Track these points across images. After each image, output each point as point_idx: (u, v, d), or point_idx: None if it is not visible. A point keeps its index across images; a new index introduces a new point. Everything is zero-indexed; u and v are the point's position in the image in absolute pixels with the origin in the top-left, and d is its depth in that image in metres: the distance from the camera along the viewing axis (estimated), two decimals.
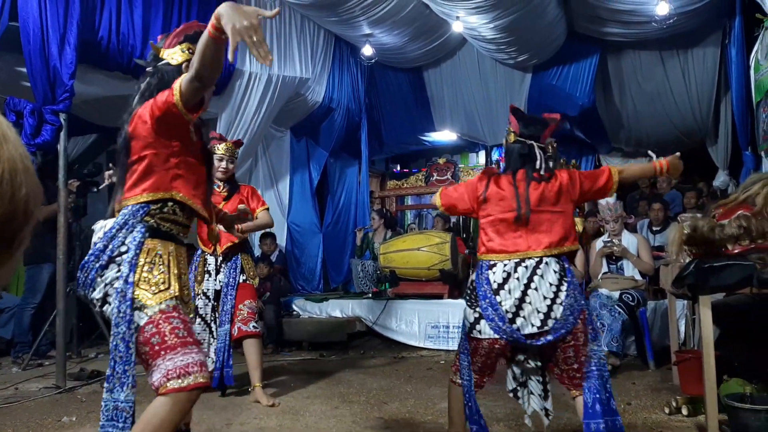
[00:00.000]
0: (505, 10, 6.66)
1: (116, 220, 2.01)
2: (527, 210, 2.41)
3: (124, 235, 1.97)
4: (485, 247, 2.49)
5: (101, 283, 1.94)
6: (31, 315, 5.11)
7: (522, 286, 2.36)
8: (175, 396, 1.82)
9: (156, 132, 1.97)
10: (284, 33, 6.65)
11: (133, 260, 1.93)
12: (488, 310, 2.38)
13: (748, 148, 6.48)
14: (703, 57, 7.90)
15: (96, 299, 1.97)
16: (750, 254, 2.71)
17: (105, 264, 1.95)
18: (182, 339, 1.90)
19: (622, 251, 4.67)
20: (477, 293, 2.44)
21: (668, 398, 3.33)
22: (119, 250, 1.95)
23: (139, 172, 2.01)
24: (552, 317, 2.33)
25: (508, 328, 2.36)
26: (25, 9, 4.12)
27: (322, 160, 7.96)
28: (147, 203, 2.00)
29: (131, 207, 2.00)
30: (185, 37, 2.15)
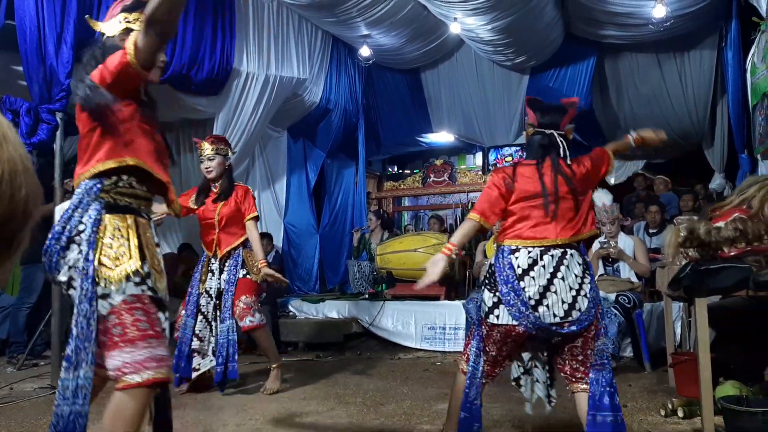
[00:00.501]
0: (503, 12, 6.67)
1: (72, 200, 1.97)
2: (555, 199, 2.38)
3: (80, 213, 1.94)
4: (511, 232, 2.44)
5: (64, 265, 1.91)
6: (26, 315, 5.09)
7: (548, 274, 2.33)
8: (133, 392, 1.83)
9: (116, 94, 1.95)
10: (282, 33, 6.65)
11: (91, 238, 1.89)
12: (510, 295, 2.34)
13: (744, 150, 6.50)
14: (699, 60, 7.92)
15: (62, 282, 1.93)
16: (746, 257, 2.72)
17: (65, 245, 1.91)
18: (143, 332, 1.87)
19: (619, 253, 4.68)
20: (497, 278, 2.39)
21: (664, 400, 3.33)
22: (77, 230, 1.92)
23: (92, 144, 1.97)
24: (577, 308, 2.31)
25: (531, 315, 2.31)
26: (22, 8, 4.11)
27: (319, 161, 7.96)
28: (100, 178, 1.97)
29: (85, 184, 1.97)
30: (122, 8, 2.12)
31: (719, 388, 2.82)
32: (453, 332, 5.44)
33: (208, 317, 3.90)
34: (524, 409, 2.73)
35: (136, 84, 1.97)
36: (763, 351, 3.06)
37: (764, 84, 4.97)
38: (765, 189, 2.88)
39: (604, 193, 4.92)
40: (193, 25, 5.41)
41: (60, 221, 1.94)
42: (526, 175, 2.46)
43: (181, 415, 3.38)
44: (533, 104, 2.59)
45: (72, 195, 2.06)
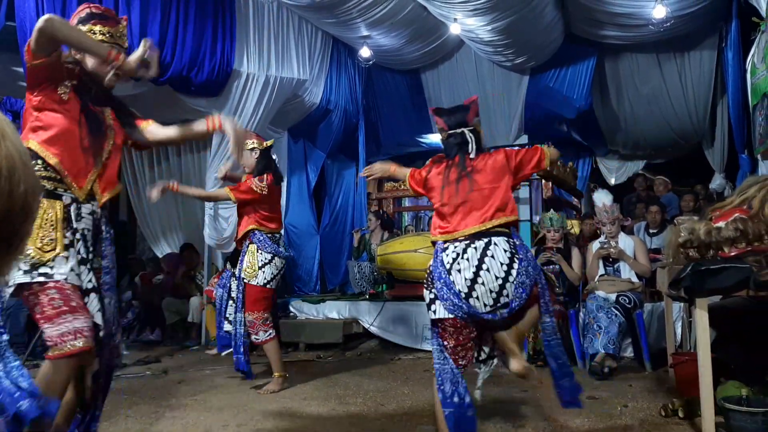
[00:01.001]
0: (503, 13, 6.68)
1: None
2: (456, 193, 2.56)
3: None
4: (437, 229, 2.62)
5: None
6: (26, 315, 5.09)
7: (473, 267, 2.45)
8: (55, 362, 2.06)
9: (29, 84, 2.20)
10: (282, 34, 6.65)
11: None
12: (443, 290, 2.47)
13: (744, 151, 6.50)
14: (699, 60, 7.93)
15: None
16: (746, 257, 2.72)
17: None
18: (58, 309, 2.08)
19: (619, 253, 4.68)
20: (432, 275, 2.54)
21: (665, 400, 3.33)
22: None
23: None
24: (504, 295, 2.45)
25: (465, 306, 2.43)
26: (22, 9, 4.11)
27: (320, 162, 7.96)
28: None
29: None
30: (78, 20, 2.34)
31: (720, 389, 2.82)
32: None
33: (230, 296, 4.35)
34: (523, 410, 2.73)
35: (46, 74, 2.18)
36: (764, 351, 3.06)
37: (764, 84, 4.97)
38: (765, 189, 2.88)
39: (604, 193, 4.92)
40: (193, 27, 5.41)
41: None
42: (436, 173, 2.70)
43: (182, 415, 3.39)
44: (437, 111, 2.81)
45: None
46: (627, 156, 9.79)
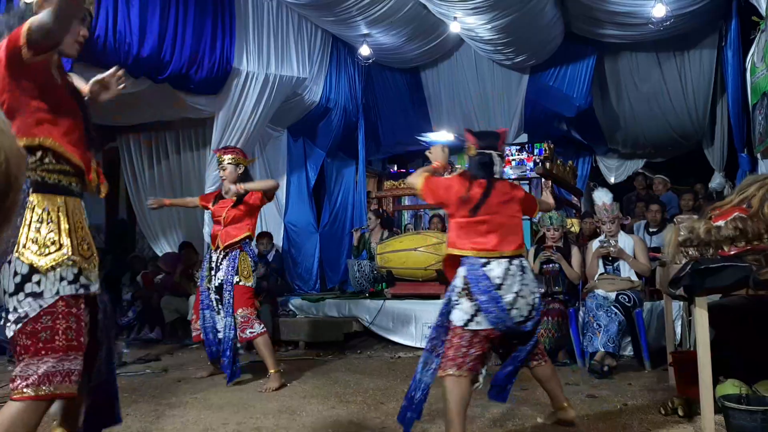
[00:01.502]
0: (503, 11, 6.68)
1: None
2: (493, 214, 2.78)
3: None
4: (470, 244, 2.76)
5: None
6: None
7: (519, 283, 2.70)
8: (29, 404, 1.76)
9: (10, 73, 1.82)
10: (281, 33, 6.65)
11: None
12: (489, 304, 2.64)
13: (744, 150, 6.50)
14: (699, 59, 7.93)
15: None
16: (746, 256, 2.72)
17: None
18: (69, 342, 1.82)
19: (619, 252, 4.68)
20: (473, 288, 2.68)
21: (664, 399, 3.34)
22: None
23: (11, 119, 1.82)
24: (535, 307, 2.77)
25: (508, 319, 2.67)
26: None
27: (319, 160, 7.96)
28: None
29: None
30: None
31: (719, 387, 2.82)
32: None
33: (215, 309, 4.28)
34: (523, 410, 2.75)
35: (39, 64, 1.85)
36: (763, 350, 3.06)
37: (764, 83, 4.97)
38: (765, 188, 2.88)
39: (604, 192, 4.91)
40: (192, 25, 5.41)
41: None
42: (462, 187, 2.84)
43: (182, 413, 3.39)
44: (470, 131, 3.06)
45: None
46: (627, 155, 9.79)
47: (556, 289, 4.88)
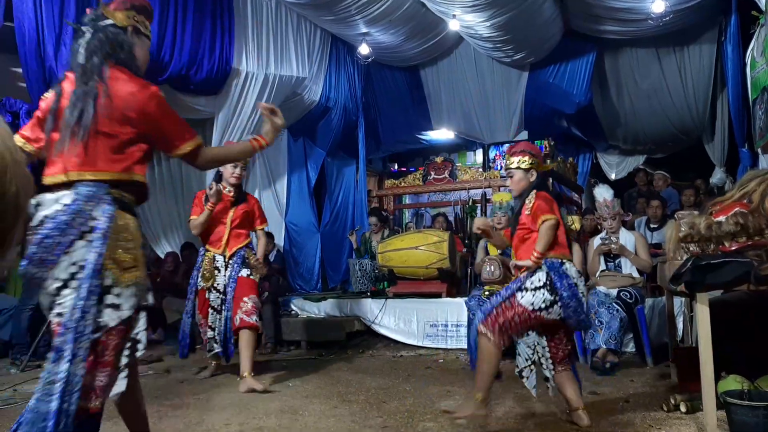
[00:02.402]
0: (502, 8, 6.67)
1: (78, 192, 1.89)
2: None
3: (91, 207, 1.88)
4: (561, 252, 3.03)
5: (67, 260, 1.83)
6: (29, 316, 5.10)
7: (582, 283, 3.04)
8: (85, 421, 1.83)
9: (136, 127, 2.01)
10: (281, 32, 6.64)
11: (106, 233, 1.86)
12: (572, 300, 2.91)
13: (744, 145, 6.49)
14: (699, 54, 7.92)
15: (57, 278, 1.84)
16: (747, 251, 2.71)
17: (73, 240, 1.84)
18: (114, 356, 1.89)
19: (620, 249, 4.68)
20: (557, 284, 2.92)
21: (666, 395, 3.34)
22: (89, 225, 1.86)
23: (108, 148, 1.95)
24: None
25: (582, 312, 2.97)
26: (21, 9, 4.11)
27: (320, 160, 7.96)
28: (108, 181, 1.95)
29: (94, 182, 1.92)
30: (131, 5, 2.14)
31: (721, 383, 2.82)
32: (455, 329, 5.44)
33: (218, 310, 4.25)
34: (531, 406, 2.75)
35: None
36: (765, 345, 3.06)
37: (764, 78, 4.96)
38: (765, 183, 2.87)
39: (605, 188, 4.91)
40: (192, 25, 5.41)
41: (66, 212, 1.85)
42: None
43: (184, 414, 3.39)
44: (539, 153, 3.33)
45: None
46: (627, 151, 9.78)
47: None
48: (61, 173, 1.93)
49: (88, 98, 1.94)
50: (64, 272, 1.84)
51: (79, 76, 2.00)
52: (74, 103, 1.95)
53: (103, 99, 1.95)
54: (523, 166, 3.18)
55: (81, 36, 2.08)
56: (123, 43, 2.06)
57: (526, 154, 3.19)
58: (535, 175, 3.18)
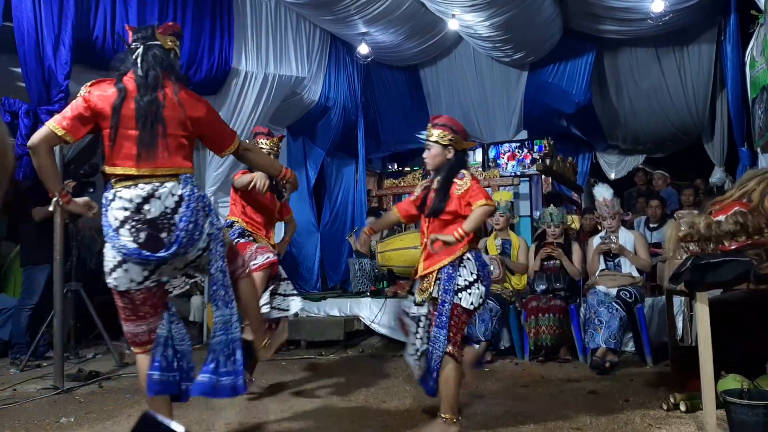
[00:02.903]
0: (501, 8, 6.67)
1: (186, 183, 2.36)
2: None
3: (200, 193, 2.41)
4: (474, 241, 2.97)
5: (205, 234, 2.38)
6: (28, 316, 5.09)
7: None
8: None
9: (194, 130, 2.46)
10: (280, 32, 6.64)
11: (213, 211, 2.47)
12: (488, 288, 2.95)
13: (744, 144, 6.49)
14: (698, 54, 7.92)
15: (200, 249, 2.37)
16: (746, 250, 2.71)
17: (203, 220, 2.37)
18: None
19: (620, 248, 4.68)
20: (482, 274, 2.89)
21: (666, 394, 3.34)
22: (210, 206, 2.45)
23: (177, 147, 2.37)
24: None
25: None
26: (20, 9, 4.10)
27: (319, 159, 7.95)
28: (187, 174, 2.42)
29: (186, 174, 2.38)
30: (172, 32, 2.52)
31: (721, 382, 2.82)
32: None
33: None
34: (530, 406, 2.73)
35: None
36: (765, 344, 3.06)
37: (763, 77, 4.96)
38: (765, 182, 2.88)
39: (604, 187, 4.91)
40: (191, 25, 5.41)
41: (192, 200, 2.33)
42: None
43: (184, 414, 3.39)
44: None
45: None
46: (627, 150, 9.78)
47: (557, 285, 4.88)
48: (147, 167, 2.31)
49: (157, 107, 2.33)
50: (204, 243, 2.38)
51: (142, 85, 2.35)
52: (146, 110, 2.32)
53: (169, 107, 2.35)
54: (443, 141, 3.03)
55: (131, 48, 2.44)
56: (172, 63, 2.45)
57: (447, 129, 3.04)
58: (453, 152, 3.01)
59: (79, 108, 2.34)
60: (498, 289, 5.02)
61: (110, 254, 2.32)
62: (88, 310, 4.98)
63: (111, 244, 2.29)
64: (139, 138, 2.31)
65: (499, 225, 5.30)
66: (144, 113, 2.31)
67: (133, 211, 2.27)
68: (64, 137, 2.31)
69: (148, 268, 2.32)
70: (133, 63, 2.41)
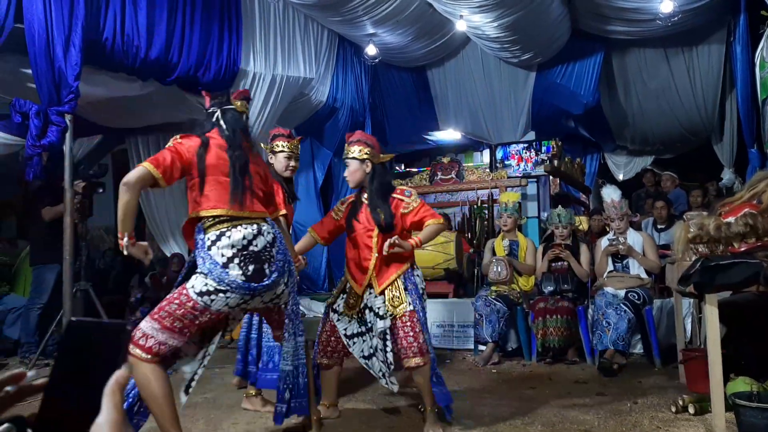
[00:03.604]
0: (509, 9, 6.66)
1: (275, 226, 2.60)
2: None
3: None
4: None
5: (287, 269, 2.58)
6: (37, 315, 5.13)
7: None
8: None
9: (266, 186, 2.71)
10: (288, 33, 6.66)
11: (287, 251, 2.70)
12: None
13: (753, 145, 6.46)
14: (708, 54, 7.88)
15: (284, 282, 2.56)
16: (756, 252, 2.70)
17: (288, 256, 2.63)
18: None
19: (628, 249, 4.66)
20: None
21: (675, 397, 3.32)
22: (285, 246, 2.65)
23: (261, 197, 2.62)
24: None
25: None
26: (30, 11, 4.13)
27: (327, 160, 7.97)
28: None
29: (269, 218, 2.62)
30: (244, 97, 2.84)
31: (730, 384, 2.80)
32: (462, 330, 5.44)
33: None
34: (536, 407, 2.72)
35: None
36: None
37: None
38: None
39: (612, 189, 4.89)
40: (199, 27, 5.43)
41: (280, 237, 2.58)
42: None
43: (191, 413, 3.41)
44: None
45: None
46: (635, 151, 9.74)
47: (565, 287, 4.86)
48: (248, 211, 2.51)
49: (245, 162, 2.55)
50: (286, 277, 2.56)
51: (230, 143, 2.56)
52: (238, 165, 2.52)
53: (252, 162, 2.60)
54: (359, 157, 3.10)
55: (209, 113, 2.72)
56: (245, 125, 2.72)
57: (362, 143, 3.12)
58: (371, 165, 3.11)
59: (173, 157, 2.49)
60: (506, 290, 5.01)
61: (212, 283, 2.37)
62: (96, 310, 5.00)
63: (218, 279, 2.37)
64: (233, 184, 2.51)
65: (507, 226, 5.29)
66: (238, 169, 2.52)
67: (240, 249, 2.42)
68: (159, 182, 2.45)
69: (246, 298, 2.43)
70: (213, 124, 2.65)
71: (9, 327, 5.50)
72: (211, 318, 2.47)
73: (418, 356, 2.95)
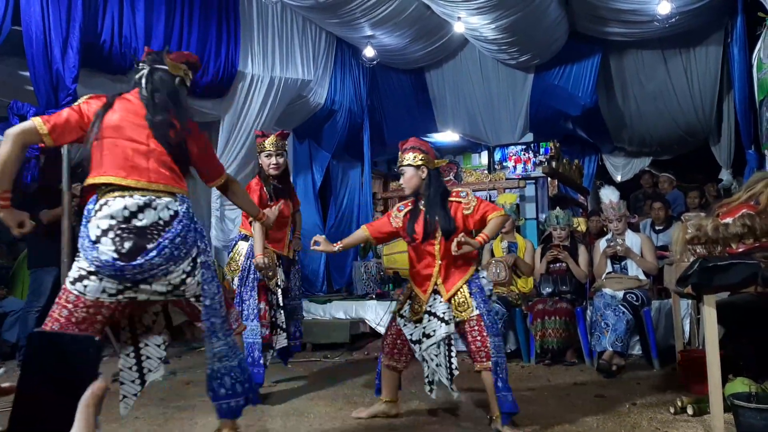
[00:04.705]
0: (507, 11, 6.67)
1: (183, 201, 2.35)
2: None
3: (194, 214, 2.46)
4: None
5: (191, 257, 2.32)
6: (35, 318, 5.11)
7: None
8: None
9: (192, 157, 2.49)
10: (286, 35, 6.66)
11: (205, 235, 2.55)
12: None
13: (751, 146, 6.46)
14: (705, 56, 7.89)
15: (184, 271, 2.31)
16: (754, 253, 2.70)
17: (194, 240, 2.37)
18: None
19: (626, 251, 4.66)
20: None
21: (673, 398, 3.32)
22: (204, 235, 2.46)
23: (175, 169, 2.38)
24: None
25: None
26: (28, 13, 4.13)
27: (325, 162, 7.96)
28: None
29: (182, 193, 2.37)
30: (186, 62, 2.53)
31: (728, 385, 2.81)
32: None
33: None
34: (537, 408, 2.72)
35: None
36: None
37: None
38: None
39: (611, 190, 4.90)
40: (197, 29, 5.43)
41: (186, 217, 2.29)
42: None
43: (190, 416, 3.40)
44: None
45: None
46: (633, 153, 9.75)
47: (563, 288, 4.87)
48: (145, 180, 2.22)
49: (166, 127, 2.31)
50: (188, 266, 2.26)
51: (149, 105, 2.33)
52: (156, 128, 2.29)
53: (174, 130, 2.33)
54: (414, 163, 3.11)
55: (137, 68, 2.47)
56: (176, 90, 2.43)
57: (417, 150, 3.13)
58: (426, 171, 3.11)
59: (68, 116, 2.27)
60: (504, 291, 5.01)
61: (84, 265, 2.13)
62: None
63: (89, 259, 2.10)
64: (132, 149, 2.24)
65: (505, 228, 5.29)
66: (156, 131, 2.30)
67: (121, 220, 2.13)
68: (44, 137, 2.20)
69: (124, 282, 2.14)
70: (135, 83, 2.44)
71: (7, 330, 5.49)
72: (101, 312, 2.14)
73: (485, 360, 2.98)
